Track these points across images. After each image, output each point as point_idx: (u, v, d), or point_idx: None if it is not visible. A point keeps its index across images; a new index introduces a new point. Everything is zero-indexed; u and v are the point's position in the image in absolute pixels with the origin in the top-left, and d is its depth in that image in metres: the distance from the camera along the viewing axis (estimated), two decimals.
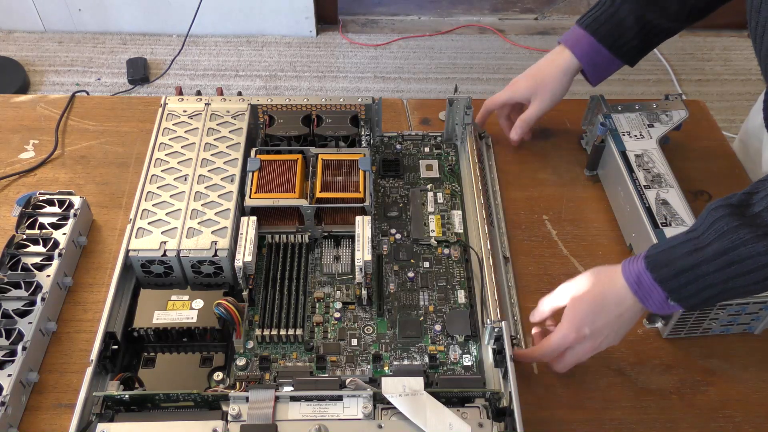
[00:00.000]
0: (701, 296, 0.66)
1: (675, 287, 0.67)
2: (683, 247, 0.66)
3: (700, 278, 0.65)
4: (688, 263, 0.66)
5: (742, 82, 2.46)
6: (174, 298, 0.81)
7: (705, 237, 0.65)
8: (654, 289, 0.68)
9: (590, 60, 0.91)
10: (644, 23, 0.88)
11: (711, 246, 0.64)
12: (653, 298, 0.68)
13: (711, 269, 0.64)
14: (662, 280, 0.67)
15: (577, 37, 0.92)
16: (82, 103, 1.14)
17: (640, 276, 0.69)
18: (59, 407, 0.77)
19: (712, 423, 0.77)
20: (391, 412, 0.68)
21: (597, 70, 0.93)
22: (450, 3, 2.80)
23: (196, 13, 2.41)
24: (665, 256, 0.68)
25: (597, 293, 0.72)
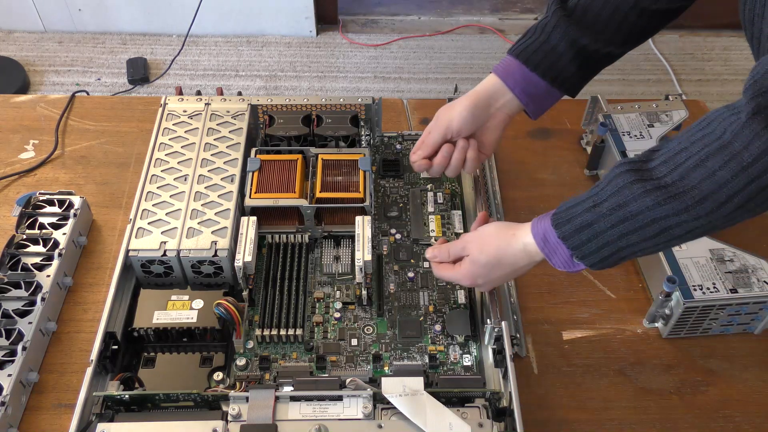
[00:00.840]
0: (601, 254, 0.66)
1: (577, 244, 0.67)
2: (584, 203, 0.66)
3: (598, 235, 0.65)
4: (587, 219, 0.66)
5: (742, 82, 2.44)
6: (174, 298, 0.81)
7: (603, 192, 0.65)
8: (558, 246, 0.68)
9: (524, 90, 0.83)
10: (578, 49, 0.80)
11: (607, 201, 0.64)
12: (558, 255, 0.69)
13: (606, 225, 0.64)
14: (565, 236, 0.67)
15: (509, 66, 0.83)
16: (82, 103, 1.14)
17: (546, 233, 0.70)
18: (59, 407, 0.77)
19: (712, 423, 0.77)
20: (391, 412, 0.68)
21: (534, 102, 0.84)
22: (450, 3, 2.80)
23: (196, 13, 2.41)
24: (568, 213, 0.67)
25: (494, 254, 0.74)
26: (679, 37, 2.61)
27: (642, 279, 0.90)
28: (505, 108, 0.84)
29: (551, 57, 0.81)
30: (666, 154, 0.62)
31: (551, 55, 0.81)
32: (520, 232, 0.72)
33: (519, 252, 0.72)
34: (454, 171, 0.85)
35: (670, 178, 0.61)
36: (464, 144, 0.85)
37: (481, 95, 0.84)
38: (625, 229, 0.64)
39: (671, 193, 0.60)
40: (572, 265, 0.69)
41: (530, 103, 0.83)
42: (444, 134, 0.84)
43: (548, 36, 0.81)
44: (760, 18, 0.69)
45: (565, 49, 0.80)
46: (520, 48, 0.82)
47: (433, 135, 0.85)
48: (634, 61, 2.47)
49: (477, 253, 0.75)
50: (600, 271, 0.90)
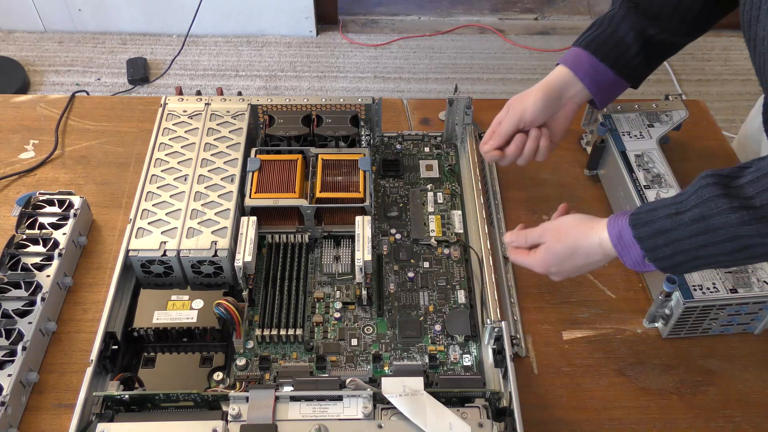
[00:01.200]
0: (674, 260, 0.67)
1: (651, 247, 0.68)
2: (666, 209, 0.67)
3: (675, 241, 0.66)
4: (666, 225, 0.67)
5: (742, 82, 2.46)
6: (174, 298, 0.81)
7: (687, 202, 0.66)
8: (633, 246, 0.69)
9: (593, 80, 0.86)
10: (645, 39, 0.84)
11: (690, 211, 0.65)
12: (631, 254, 0.70)
13: (686, 234, 0.65)
14: (641, 238, 0.68)
15: (577, 57, 0.86)
16: (82, 103, 1.14)
17: (621, 231, 0.70)
18: (59, 407, 0.77)
19: (712, 423, 0.77)
20: (391, 412, 0.68)
21: (602, 91, 0.87)
22: (450, 3, 2.80)
23: (196, 13, 2.41)
24: (648, 216, 0.68)
25: (570, 244, 0.75)
26: None
27: (642, 279, 0.90)
28: (576, 98, 0.86)
29: (620, 48, 0.84)
30: (756, 173, 0.63)
31: (620, 45, 0.84)
32: (598, 226, 0.73)
33: (594, 246, 0.73)
34: (526, 159, 0.87)
35: (759, 200, 0.61)
36: (537, 133, 0.87)
37: (553, 86, 0.86)
38: (705, 241, 0.64)
39: (759, 215, 0.61)
40: (643, 265, 0.70)
41: (598, 93, 0.86)
42: (517, 124, 0.86)
43: (616, 27, 0.84)
44: (756, 21, 0.70)
45: (633, 40, 0.83)
46: (589, 39, 0.85)
47: (505, 125, 0.87)
48: None
49: (554, 241, 0.76)
50: (600, 270, 0.91)
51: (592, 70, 0.85)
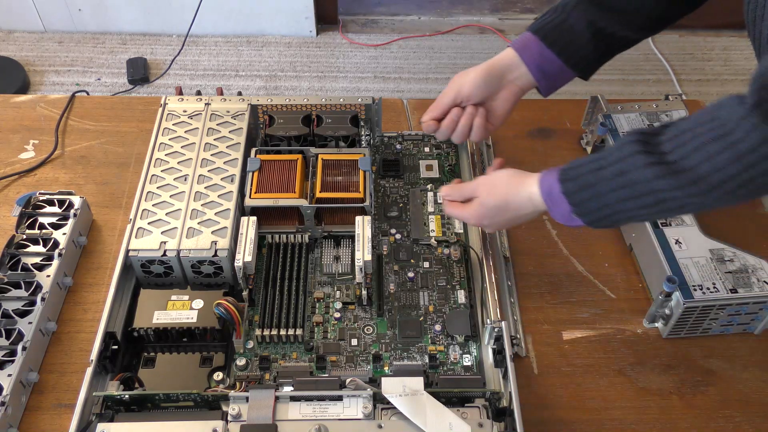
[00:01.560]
0: (598, 213, 0.69)
1: (578, 201, 0.70)
2: (591, 164, 0.69)
3: (598, 196, 0.68)
4: (590, 180, 0.69)
5: (742, 82, 2.45)
6: (174, 298, 0.81)
7: (610, 157, 0.68)
8: (561, 201, 0.71)
9: (539, 66, 0.85)
10: (596, 30, 0.82)
11: (612, 166, 0.67)
12: (560, 208, 0.72)
13: (608, 188, 0.67)
14: (568, 192, 0.70)
15: (526, 42, 0.85)
16: (82, 103, 1.14)
17: (551, 186, 0.72)
18: (59, 407, 0.77)
19: (712, 423, 0.77)
20: (391, 412, 0.68)
21: (546, 79, 0.85)
22: (450, 3, 2.80)
23: (196, 13, 2.41)
24: (575, 171, 0.70)
25: (501, 198, 0.77)
26: (679, 37, 2.61)
27: (642, 279, 0.90)
28: (518, 81, 0.86)
29: (568, 36, 0.83)
30: (674, 131, 0.65)
31: (568, 34, 0.83)
32: (529, 180, 0.75)
33: (525, 200, 0.75)
34: (459, 136, 0.88)
35: (672, 156, 0.63)
36: (472, 110, 0.87)
37: (495, 65, 0.86)
38: (624, 195, 0.67)
39: (671, 170, 0.63)
40: (570, 219, 0.72)
41: (543, 79, 0.85)
42: (454, 98, 0.87)
43: (567, 15, 0.83)
44: (760, 19, 0.70)
45: (582, 30, 0.83)
46: (539, 24, 0.85)
47: (444, 97, 0.89)
48: (634, 61, 2.47)
49: (486, 195, 0.78)
50: (600, 270, 0.91)
51: (539, 56, 0.84)
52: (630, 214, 0.69)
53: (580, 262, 0.92)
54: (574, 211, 0.70)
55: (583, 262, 0.92)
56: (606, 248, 0.94)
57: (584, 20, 0.82)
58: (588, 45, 0.83)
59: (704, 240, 0.84)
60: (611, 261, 0.92)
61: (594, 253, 0.93)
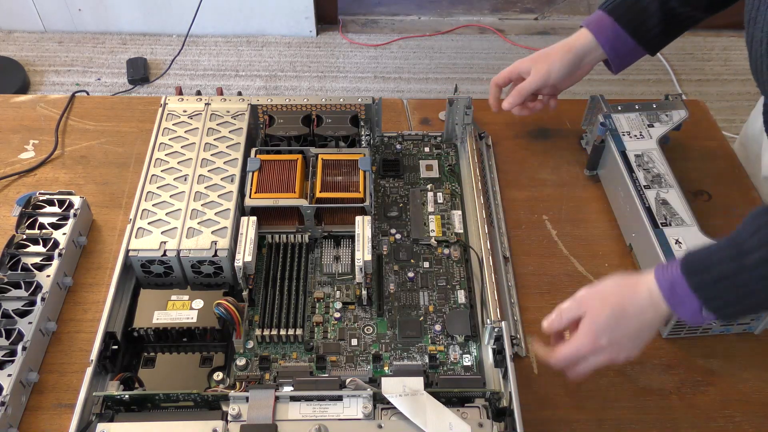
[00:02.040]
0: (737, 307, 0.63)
1: (712, 295, 0.63)
2: (723, 252, 0.62)
3: (741, 287, 0.61)
4: (728, 270, 0.61)
5: (742, 82, 2.46)
6: (174, 298, 0.80)
7: (749, 243, 0.61)
8: (688, 297, 0.64)
9: (613, 46, 0.89)
10: (667, 10, 0.86)
11: (755, 253, 0.60)
12: (687, 306, 0.64)
13: (754, 277, 0.60)
14: (699, 287, 0.63)
15: (600, 22, 0.89)
16: (82, 103, 1.14)
17: (674, 282, 0.64)
18: (59, 407, 0.77)
19: (712, 423, 0.77)
20: (391, 412, 0.68)
21: (619, 57, 0.90)
22: (450, 3, 2.80)
23: (196, 13, 2.41)
24: (704, 262, 0.63)
25: (616, 303, 0.67)
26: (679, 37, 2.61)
27: None
28: (593, 62, 0.91)
29: (642, 16, 0.87)
30: None
31: (642, 14, 0.87)
32: (643, 278, 0.67)
33: (644, 300, 0.66)
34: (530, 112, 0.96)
35: None
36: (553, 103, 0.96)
37: (577, 50, 0.90)
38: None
39: None
40: (699, 317, 0.64)
41: (617, 59, 0.90)
42: (542, 85, 0.92)
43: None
44: (754, 22, 0.70)
45: (655, 10, 0.86)
46: (614, 4, 0.88)
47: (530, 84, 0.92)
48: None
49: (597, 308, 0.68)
50: (600, 270, 0.91)
51: (614, 36, 0.88)
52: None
53: (580, 262, 0.92)
54: (707, 306, 0.63)
55: (583, 262, 0.92)
56: (606, 248, 0.94)
57: (658, 1, 0.86)
58: (659, 24, 0.87)
59: (704, 240, 0.84)
60: (611, 261, 0.92)
61: (594, 253, 0.93)
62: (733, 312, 0.64)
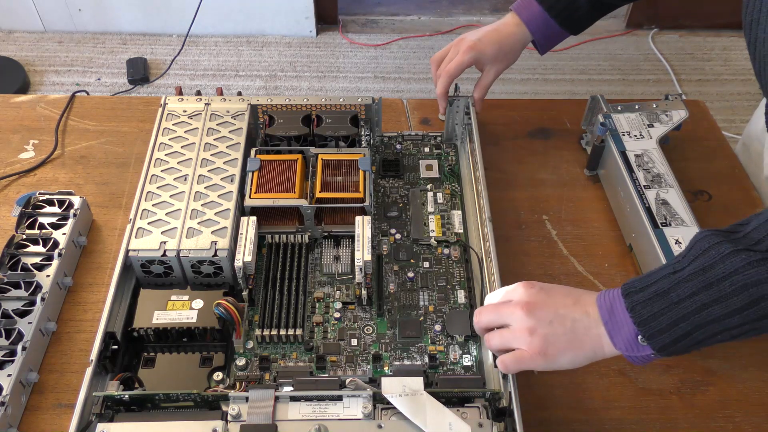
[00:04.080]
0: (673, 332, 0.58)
1: (647, 317, 0.58)
2: (662, 270, 0.60)
3: (673, 306, 0.57)
4: (663, 286, 0.58)
5: (742, 82, 2.46)
6: (174, 298, 0.81)
7: (686, 258, 0.59)
8: (624, 321, 0.60)
9: (542, 33, 0.97)
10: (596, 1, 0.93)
11: (689, 266, 0.57)
12: (623, 332, 0.60)
13: (686, 292, 0.57)
14: (634, 307, 0.59)
15: (532, 12, 0.96)
16: (82, 103, 1.14)
17: (613, 303, 0.61)
18: (59, 407, 0.77)
19: (712, 423, 0.77)
20: (391, 412, 0.68)
21: (547, 42, 0.98)
22: (450, 3, 2.80)
23: (196, 13, 2.42)
24: (643, 281, 0.60)
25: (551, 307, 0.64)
26: (679, 37, 2.61)
27: None
28: (521, 47, 0.98)
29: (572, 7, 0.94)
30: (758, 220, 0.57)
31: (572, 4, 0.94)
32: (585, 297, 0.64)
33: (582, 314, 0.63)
34: None
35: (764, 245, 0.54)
36: None
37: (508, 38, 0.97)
38: (708, 297, 0.56)
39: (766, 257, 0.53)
40: (636, 347, 0.60)
41: (545, 44, 0.98)
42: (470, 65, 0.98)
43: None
44: (756, 23, 0.70)
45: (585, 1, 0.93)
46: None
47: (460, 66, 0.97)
48: (634, 61, 2.47)
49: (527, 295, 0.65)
50: (600, 270, 0.91)
51: (544, 25, 0.96)
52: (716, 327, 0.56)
53: (580, 262, 0.92)
54: (642, 333, 0.59)
55: (583, 262, 0.92)
56: (606, 248, 0.94)
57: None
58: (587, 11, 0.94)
59: None
60: (611, 261, 0.92)
61: (594, 253, 0.93)
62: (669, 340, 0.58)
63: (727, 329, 0.57)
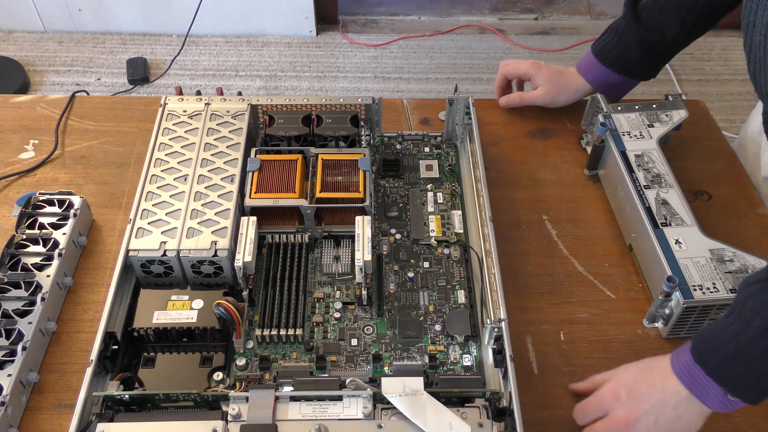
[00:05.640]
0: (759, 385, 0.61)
1: (728, 378, 0.62)
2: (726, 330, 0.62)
3: (750, 364, 0.60)
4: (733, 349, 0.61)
5: (742, 82, 2.46)
6: (174, 298, 0.81)
7: (744, 318, 0.61)
8: (709, 384, 0.63)
9: (601, 83, 1.02)
10: (648, 46, 0.96)
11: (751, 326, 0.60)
12: (711, 394, 0.63)
13: (757, 351, 0.60)
14: (713, 372, 0.62)
15: (588, 64, 1.02)
16: (82, 103, 1.14)
17: (691, 370, 0.64)
18: (59, 407, 0.77)
19: (712, 423, 0.77)
20: (391, 412, 0.68)
21: (612, 91, 1.02)
22: (450, 3, 2.80)
23: (196, 13, 2.41)
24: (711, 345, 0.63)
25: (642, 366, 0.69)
26: None
27: (642, 279, 0.90)
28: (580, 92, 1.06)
29: (625, 55, 0.98)
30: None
31: (624, 53, 0.98)
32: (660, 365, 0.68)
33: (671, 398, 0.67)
34: None
35: None
36: None
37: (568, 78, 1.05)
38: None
39: None
40: (728, 403, 0.63)
41: (608, 91, 1.02)
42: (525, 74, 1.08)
43: (620, 36, 0.98)
44: (752, 26, 0.70)
45: (635, 47, 0.96)
46: (598, 47, 1.01)
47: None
48: None
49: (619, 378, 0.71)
50: (600, 270, 0.91)
51: (601, 75, 1.01)
52: None
53: (580, 262, 0.92)
54: (730, 392, 0.62)
55: (583, 262, 0.92)
56: (606, 248, 0.94)
57: (636, 39, 0.96)
58: (643, 58, 0.98)
59: (704, 240, 0.84)
60: (611, 261, 0.92)
61: (594, 253, 0.93)
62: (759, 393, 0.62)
63: None
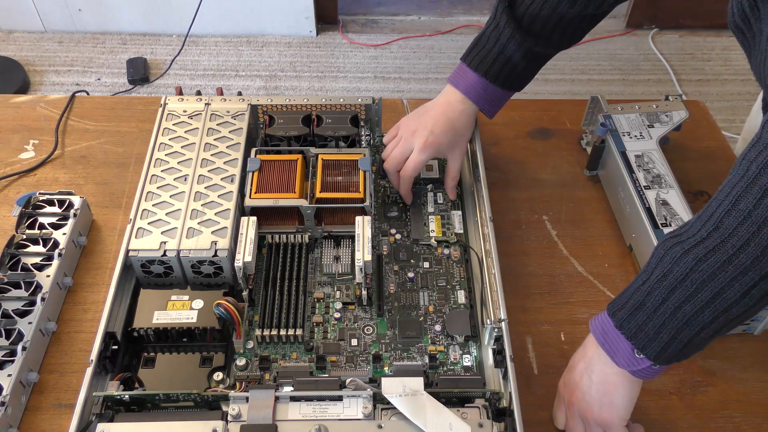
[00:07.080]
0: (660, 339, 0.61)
1: (634, 330, 0.62)
2: (635, 283, 0.63)
3: (652, 315, 0.60)
4: (638, 299, 0.62)
5: (742, 82, 2.46)
6: (174, 298, 0.81)
7: (648, 267, 0.62)
8: (618, 339, 0.64)
9: (485, 100, 0.91)
10: (531, 56, 0.87)
11: (653, 274, 0.61)
12: (620, 350, 0.64)
13: (658, 300, 0.60)
14: (622, 324, 0.63)
15: (469, 81, 0.90)
16: (82, 103, 1.14)
17: (604, 326, 0.65)
18: (59, 407, 0.77)
19: (712, 423, 0.77)
20: (391, 412, 0.68)
21: (492, 107, 0.93)
22: (450, 3, 2.80)
23: (196, 13, 2.42)
24: (622, 298, 0.64)
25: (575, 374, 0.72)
26: (679, 37, 2.61)
27: None
28: (473, 120, 0.94)
29: (508, 68, 0.88)
30: (700, 212, 0.60)
31: (508, 65, 0.88)
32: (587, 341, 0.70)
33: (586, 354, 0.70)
34: None
35: (705, 231, 0.57)
36: None
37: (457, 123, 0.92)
38: (677, 300, 0.59)
39: (709, 247, 0.56)
40: (635, 361, 0.63)
41: (490, 108, 0.92)
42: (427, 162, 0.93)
43: (503, 47, 0.87)
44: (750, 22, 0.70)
45: (520, 58, 0.87)
46: (478, 59, 0.89)
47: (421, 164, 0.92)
48: (634, 61, 2.47)
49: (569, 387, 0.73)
50: (600, 270, 0.91)
51: (485, 92, 0.90)
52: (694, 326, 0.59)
53: (580, 262, 0.92)
54: (636, 346, 0.62)
55: (583, 263, 0.92)
56: (606, 248, 0.94)
57: (522, 49, 0.86)
58: (524, 69, 0.89)
59: None
60: (611, 261, 0.92)
61: (594, 253, 0.93)
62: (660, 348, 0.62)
63: (704, 326, 0.59)
